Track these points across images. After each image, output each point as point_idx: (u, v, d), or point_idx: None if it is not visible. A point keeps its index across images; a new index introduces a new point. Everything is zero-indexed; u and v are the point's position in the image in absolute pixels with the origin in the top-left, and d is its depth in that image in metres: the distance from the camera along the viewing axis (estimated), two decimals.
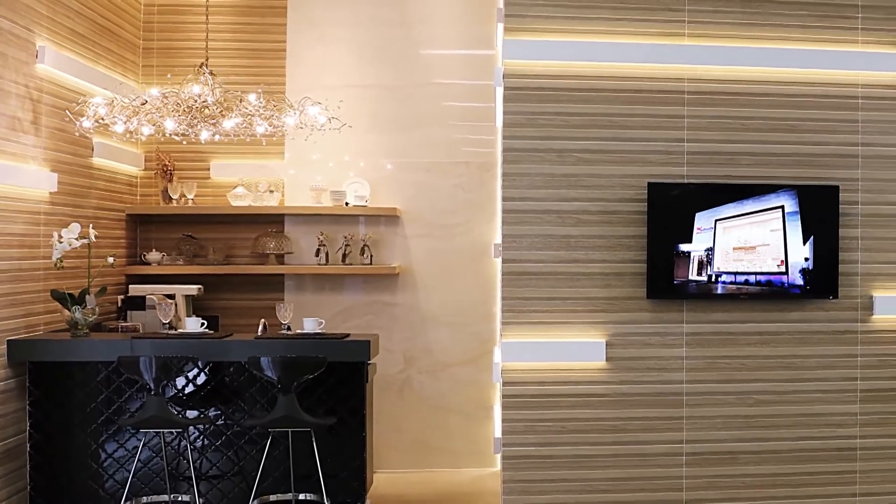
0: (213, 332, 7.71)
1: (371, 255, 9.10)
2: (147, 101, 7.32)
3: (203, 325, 7.54)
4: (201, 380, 7.37)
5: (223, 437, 7.35)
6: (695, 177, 6.86)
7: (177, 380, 7.26)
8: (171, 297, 8.27)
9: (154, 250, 8.98)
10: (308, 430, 6.84)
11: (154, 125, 7.45)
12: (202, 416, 7.33)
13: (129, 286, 8.59)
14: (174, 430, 7.14)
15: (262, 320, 7.73)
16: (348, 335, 7.58)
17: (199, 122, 7.40)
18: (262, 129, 7.57)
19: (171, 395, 7.29)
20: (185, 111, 7.32)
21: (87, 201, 8.04)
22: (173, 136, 7.63)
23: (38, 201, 7.20)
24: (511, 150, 6.80)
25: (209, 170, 9.21)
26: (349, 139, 8.57)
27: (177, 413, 7.22)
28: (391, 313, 9.28)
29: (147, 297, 8.24)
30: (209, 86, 7.38)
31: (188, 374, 7.29)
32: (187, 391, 7.35)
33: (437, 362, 9.30)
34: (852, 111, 6.97)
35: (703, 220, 6.76)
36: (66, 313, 7.23)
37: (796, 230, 6.78)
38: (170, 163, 9.04)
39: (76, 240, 7.18)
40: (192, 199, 9.05)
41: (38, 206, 7.20)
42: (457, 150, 9.28)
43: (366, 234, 9.18)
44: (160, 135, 7.67)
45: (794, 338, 6.93)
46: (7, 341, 6.81)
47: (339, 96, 8.34)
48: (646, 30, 6.86)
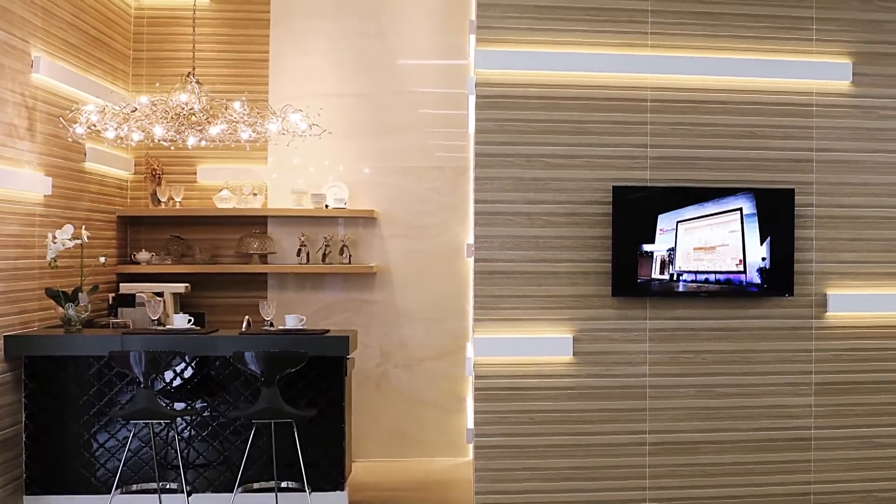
0: (199, 328, 7.74)
1: (350, 255, 9.19)
2: (137, 109, 7.40)
3: (190, 321, 7.58)
4: (188, 373, 7.39)
5: (209, 428, 7.37)
6: (657, 180, 6.94)
7: (165, 373, 7.30)
8: (160, 294, 8.26)
9: (143, 250, 9.07)
10: (290, 421, 6.87)
11: (143, 131, 7.49)
12: (189, 407, 7.36)
13: (120, 284, 8.67)
14: (163, 422, 7.15)
15: (247, 317, 7.91)
16: (328, 331, 7.66)
17: (186, 128, 7.46)
18: (246, 135, 7.62)
19: (160, 387, 7.33)
20: (172, 118, 7.39)
21: (80, 204, 8.12)
22: (162, 142, 7.64)
23: (34, 204, 7.28)
24: (483, 155, 6.88)
25: (196, 174, 9.33)
26: (329, 145, 8.69)
27: (165, 405, 7.18)
28: (369, 310, 9.38)
29: (137, 294, 8.30)
30: (196, 94, 7.47)
31: (176, 368, 7.34)
32: (175, 384, 7.38)
33: (413, 357, 9.40)
34: (807, 118, 7.08)
35: (665, 221, 6.84)
36: (60, 310, 7.32)
37: (754, 231, 6.86)
38: (158, 167, 9.14)
39: (69, 240, 7.28)
40: (180, 202, 9.13)
41: (33, 209, 7.28)
42: (431, 155, 9.40)
43: (345, 235, 9.26)
44: (149, 140, 7.69)
45: (751, 333, 7.03)
46: (3, 337, 6.89)
47: (320, 104, 8.44)
48: (611, 41, 6.94)
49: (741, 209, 6.88)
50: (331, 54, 9.46)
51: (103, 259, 8.04)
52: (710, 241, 6.90)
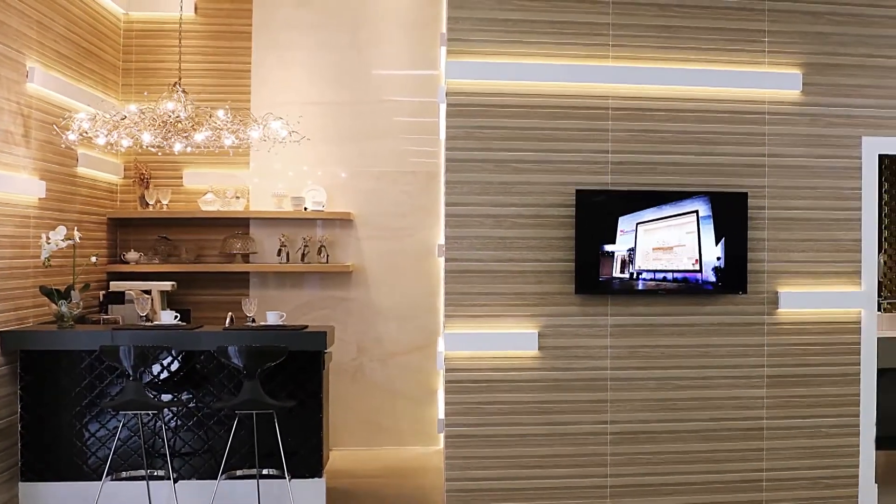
0: (185, 324, 7.80)
1: (327, 255, 9.37)
2: (126, 117, 7.47)
3: (176, 317, 7.66)
4: (175, 367, 7.44)
5: (194, 418, 7.43)
6: (618, 184, 7.04)
7: (153, 367, 7.32)
8: (148, 292, 8.29)
9: (132, 250, 9.27)
10: (271, 411, 6.97)
11: (132, 138, 7.56)
12: (175, 399, 7.40)
13: (110, 283, 8.77)
14: (150, 412, 7.21)
15: (230, 313, 7.95)
16: (307, 327, 7.75)
17: (172, 135, 7.53)
18: (229, 141, 7.70)
19: (148, 380, 7.35)
20: (160, 125, 7.47)
21: (72, 206, 8.22)
22: (150, 148, 7.75)
23: (28, 206, 7.37)
24: (453, 160, 6.98)
25: (182, 178, 9.51)
26: (308, 150, 8.89)
27: (153, 397, 7.29)
28: (345, 307, 9.60)
29: (126, 292, 8.38)
30: (182, 102, 7.55)
31: (163, 362, 7.38)
32: (162, 377, 7.42)
33: (387, 351, 9.61)
34: (759, 125, 7.21)
35: (625, 223, 6.96)
36: (54, 307, 7.41)
37: (709, 232, 6.99)
38: (146, 172, 9.32)
39: (62, 241, 7.37)
40: (167, 205, 9.30)
41: (28, 211, 7.37)
42: (404, 161, 9.61)
43: (323, 236, 9.48)
44: (138, 146, 7.79)
45: (707, 329, 7.18)
46: (0, 332, 6.99)
47: (299, 112, 8.77)
48: (574, 52, 7.04)
49: (697, 211, 7.00)
50: (310, 65, 9.63)
51: (94, 259, 8.16)
52: (667, 242, 7.02)
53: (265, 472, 7.39)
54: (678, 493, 7.19)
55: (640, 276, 7.05)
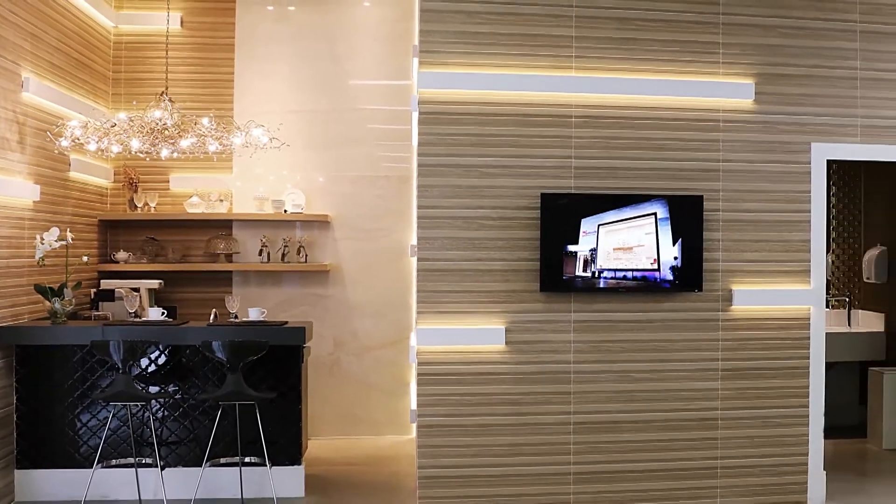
0: (171, 320, 7.92)
1: (306, 255, 9.62)
2: (116, 124, 7.61)
3: (163, 314, 7.79)
4: (162, 360, 7.56)
5: (180, 409, 7.57)
6: (581, 188, 7.15)
7: (141, 360, 7.45)
8: (136, 290, 8.44)
9: (122, 250, 9.44)
10: (252, 403, 7.08)
11: (122, 144, 7.67)
12: (163, 391, 7.51)
13: (101, 281, 8.94)
14: (139, 403, 7.26)
15: (214, 310, 8.15)
16: (286, 323, 7.85)
17: (160, 141, 7.68)
18: (213, 147, 7.82)
19: (136, 373, 7.47)
20: (148, 132, 7.60)
21: (65, 209, 8.31)
22: (138, 154, 7.84)
23: (23, 209, 7.45)
24: (425, 165, 7.08)
25: (168, 182, 9.69)
26: (287, 156, 9.20)
27: (141, 389, 7.39)
28: (323, 304, 9.87)
29: (116, 290, 8.50)
30: (168, 111, 7.70)
31: (151, 356, 7.52)
32: (150, 370, 7.55)
33: (362, 346, 9.90)
34: (714, 132, 7.34)
35: (587, 224, 7.07)
36: (47, 304, 7.54)
37: (667, 233, 7.12)
38: (135, 176, 9.53)
39: (55, 242, 7.50)
40: (154, 207, 9.51)
41: (23, 213, 7.44)
42: (379, 166, 9.90)
43: (302, 237, 9.73)
44: (127, 152, 7.88)
45: (665, 325, 7.30)
46: None
47: (279, 120, 9.02)
48: (539, 63, 7.16)
49: (655, 213, 7.13)
50: (289, 75, 9.85)
51: (86, 258, 8.36)
52: (627, 242, 7.13)
53: (247, 459, 7.48)
54: (638, 480, 7.30)
55: (602, 275, 7.14)
